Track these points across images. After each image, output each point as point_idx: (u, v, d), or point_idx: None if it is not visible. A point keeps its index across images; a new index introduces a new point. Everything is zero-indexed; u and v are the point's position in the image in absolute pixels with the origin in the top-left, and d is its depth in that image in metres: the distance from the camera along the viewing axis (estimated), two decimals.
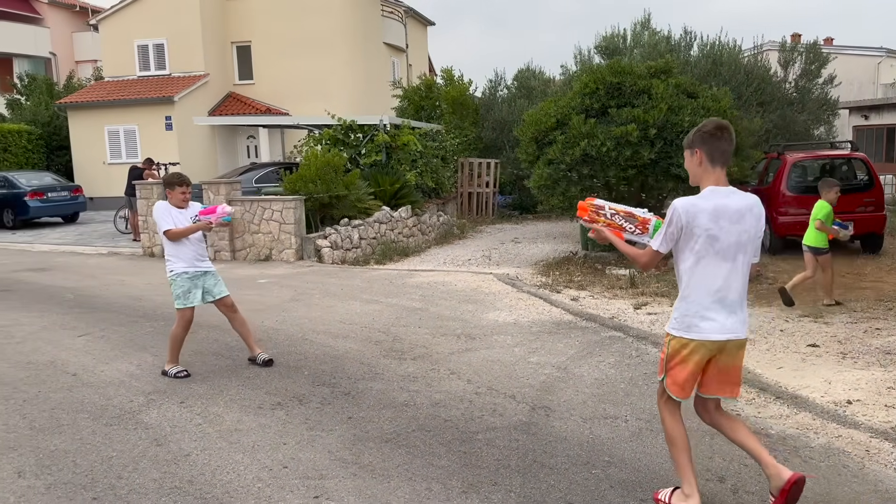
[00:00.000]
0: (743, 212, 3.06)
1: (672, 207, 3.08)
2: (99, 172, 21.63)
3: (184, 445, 4.14)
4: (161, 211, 5.40)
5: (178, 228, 5.37)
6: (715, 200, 3.05)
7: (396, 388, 5.10)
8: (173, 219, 5.41)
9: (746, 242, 3.07)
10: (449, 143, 17.96)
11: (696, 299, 3.07)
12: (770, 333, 6.35)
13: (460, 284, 9.34)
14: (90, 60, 30.88)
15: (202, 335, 6.76)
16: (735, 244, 3.04)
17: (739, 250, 3.06)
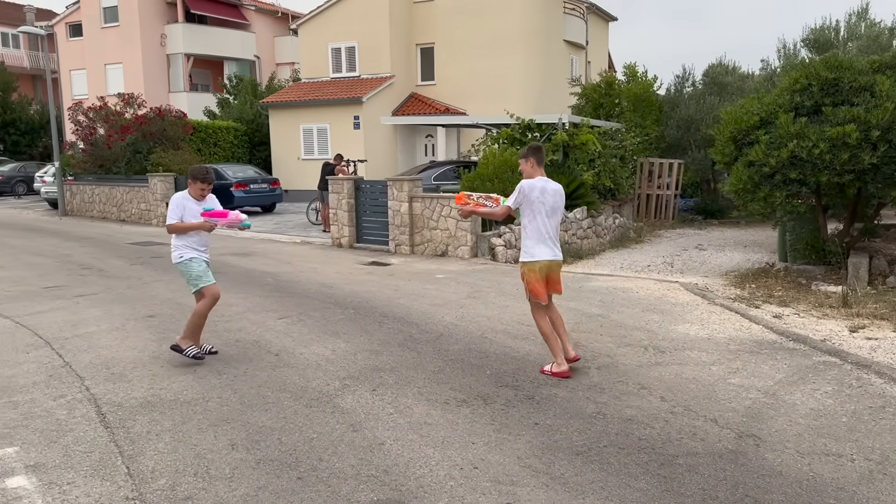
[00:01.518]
0: (556, 191, 5.46)
1: (520, 185, 5.33)
2: (294, 167, 23.44)
3: (378, 433, 4.25)
4: (175, 203, 5.58)
5: (179, 224, 5.55)
6: (541, 184, 5.34)
7: (582, 398, 4.90)
8: (184, 212, 5.60)
9: (557, 208, 5.44)
10: (629, 142, 17.28)
11: (535, 239, 5.36)
12: None
13: (643, 292, 8.89)
14: (288, 63, 33.57)
15: (389, 326, 6.99)
16: (551, 208, 5.36)
17: (554, 212, 5.41)
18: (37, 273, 10.03)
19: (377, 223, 13.29)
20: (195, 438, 4.15)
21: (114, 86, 28.67)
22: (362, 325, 7.02)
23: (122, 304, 7.99)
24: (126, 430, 4.25)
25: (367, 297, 8.48)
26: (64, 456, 3.85)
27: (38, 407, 4.58)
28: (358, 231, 13.63)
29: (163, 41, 30.48)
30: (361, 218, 13.60)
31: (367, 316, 7.45)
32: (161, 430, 4.25)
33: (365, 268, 11.06)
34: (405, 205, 12.58)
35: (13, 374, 5.28)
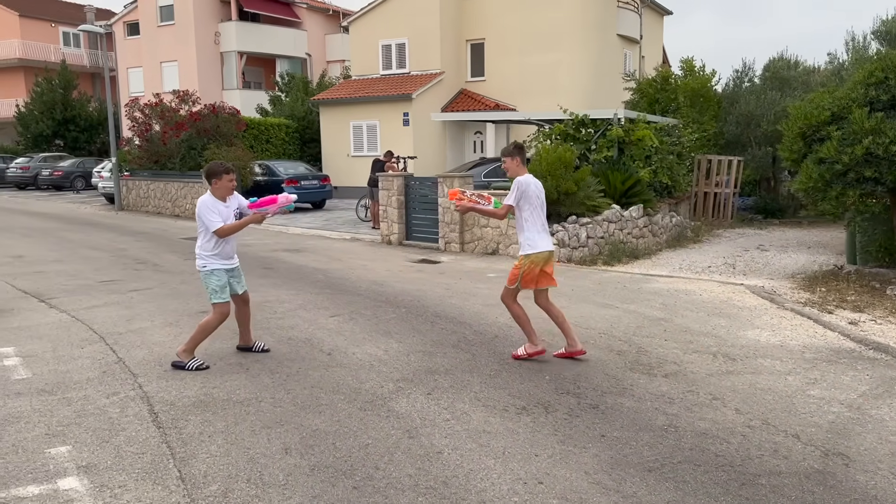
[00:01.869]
0: (541, 186, 5.70)
1: (517, 182, 5.53)
2: (343, 164, 23.51)
3: (435, 441, 4.06)
4: (208, 207, 5.22)
5: (228, 225, 5.24)
6: (532, 180, 5.62)
7: (651, 409, 4.61)
8: (220, 214, 5.25)
9: (544, 203, 5.68)
10: (686, 138, 16.71)
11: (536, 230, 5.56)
12: None
13: (706, 295, 8.49)
14: (339, 60, 33.75)
15: (441, 326, 6.80)
16: (541, 202, 5.61)
17: (543, 206, 5.63)
18: (93, 267, 10.19)
19: (427, 220, 13.14)
20: (248, 441, 4.03)
21: (169, 83, 29.27)
22: (414, 325, 6.85)
23: (175, 299, 8.01)
24: (178, 430, 4.16)
25: (418, 295, 8.31)
26: (116, 457, 3.77)
27: (92, 404, 4.53)
28: (407, 228, 13.50)
29: (216, 39, 30.99)
30: (411, 215, 13.47)
31: (419, 315, 7.28)
32: (213, 432, 4.15)
33: (415, 266, 10.91)
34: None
35: (68, 369, 5.27)
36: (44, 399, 4.62)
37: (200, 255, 5.36)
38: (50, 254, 11.51)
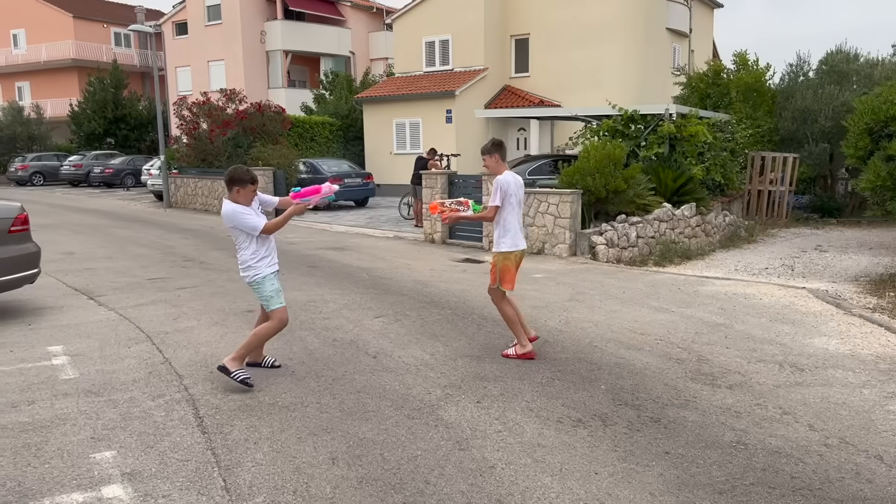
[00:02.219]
0: (520, 183, 5.62)
1: (497, 182, 5.45)
2: (386, 161, 23.47)
3: (487, 454, 3.86)
4: (240, 211, 4.74)
5: (273, 221, 4.83)
6: (511, 178, 5.51)
7: (716, 423, 4.33)
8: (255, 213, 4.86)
9: (522, 200, 5.69)
10: (739, 134, 16.12)
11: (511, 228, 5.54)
12: None
13: (766, 299, 8.09)
14: (382, 58, 33.79)
15: (488, 329, 6.60)
16: (519, 200, 5.61)
17: (520, 204, 5.65)
18: (141, 264, 10.29)
19: None
20: (294, 449, 3.90)
21: (216, 82, 29.68)
22: (461, 328, 6.66)
23: (222, 297, 7.98)
24: (224, 436, 4.06)
25: (464, 296, 8.12)
26: (160, 464, 3.67)
27: (137, 407, 4.47)
28: (451, 227, 13.31)
29: (262, 38, 31.31)
30: None
31: (465, 317, 7.09)
32: (259, 439, 4.03)
33: (458, 265, 10.72)
34: None
35: (114, 369, 5.24)
36: (90, 400, 4.57)
37: (248, 265, 4.87)
38: (100, 250, 11.68)
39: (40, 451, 3.81)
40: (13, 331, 6.35)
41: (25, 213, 6.83)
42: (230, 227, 4.84)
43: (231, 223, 4.82)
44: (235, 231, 4.85)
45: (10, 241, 6.61)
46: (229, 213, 4.79)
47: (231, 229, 4.86)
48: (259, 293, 4.96)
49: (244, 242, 4.87)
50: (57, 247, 11.96)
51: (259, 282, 4.90)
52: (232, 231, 4.87)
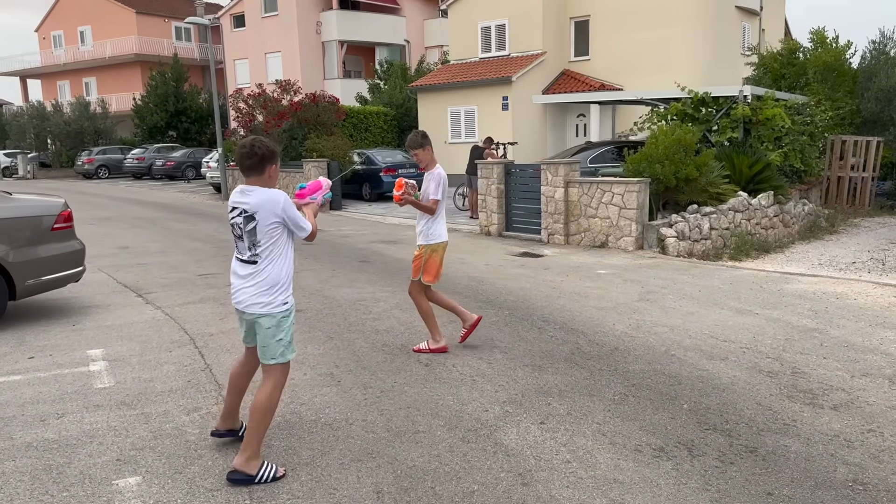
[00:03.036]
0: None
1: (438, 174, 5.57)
2: (440, 151, 22.94)
3: (554, 492, 3.34)
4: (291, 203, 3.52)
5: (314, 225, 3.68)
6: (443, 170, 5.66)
7: (825, 455, 3.69)
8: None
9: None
10: (818, 117, 14.97)
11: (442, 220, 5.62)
12: None
13: (862, 299, 7.27)
14: (437, 46, 33.28)
15: (550, 333, 6.05)
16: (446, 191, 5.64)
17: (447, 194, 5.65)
18: (194, 259, 10.12)
19: (528, 210, 12.33)
20: (335, 478, 3.46)
21: (273, 74, 29.78)
22: (519, 332, 6.13)
23: None
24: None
25: (522, 295, 7.58)
26: (187, 494, 3.29)
27: (170, 423, 4.12)
28: (507, 219, 12.75)
29: (318, 29, 31.24)
30: (511, 204, 12.71)
31: (525, 319, 6.56)
32: (297, 464, 3.61)
33: (516, 259, 10.17)
34: (560, 190, 11.52)
35: (152, 377, 4.94)
36: (122, 414, 4.26)
37: (280, 287, 3.47)
38: (154, 245, 11.62)
39: (61, 475, 3.49)
40: (56, 332, 6.16)
41: (69, 210, 6.64)
42: (270, 223, 3.39)
43: (276, 216, 3.39)
44: (272, 231, 3.42)
45: (53, 239, 6.42)
46: (277, 201, 3.38)
47: (267, 227, 3.40)
48: (274, 335, 3.46)
49: (278, 250, 3.47)
50: (112, 241, 11.97)
51: (286, 315, 3.49)
52: (265, 231, 3.41)
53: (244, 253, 3.51)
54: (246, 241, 3.47)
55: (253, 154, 3.42)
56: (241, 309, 3.53)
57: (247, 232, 3.44)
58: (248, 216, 3.42)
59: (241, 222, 3.45)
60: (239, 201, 3.45)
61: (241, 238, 3.48)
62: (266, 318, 3.46)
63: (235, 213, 3.48)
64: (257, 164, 3.44)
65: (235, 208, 3.48)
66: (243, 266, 3.52)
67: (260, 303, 3.46)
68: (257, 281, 3.46)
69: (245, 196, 3.44)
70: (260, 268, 3.47)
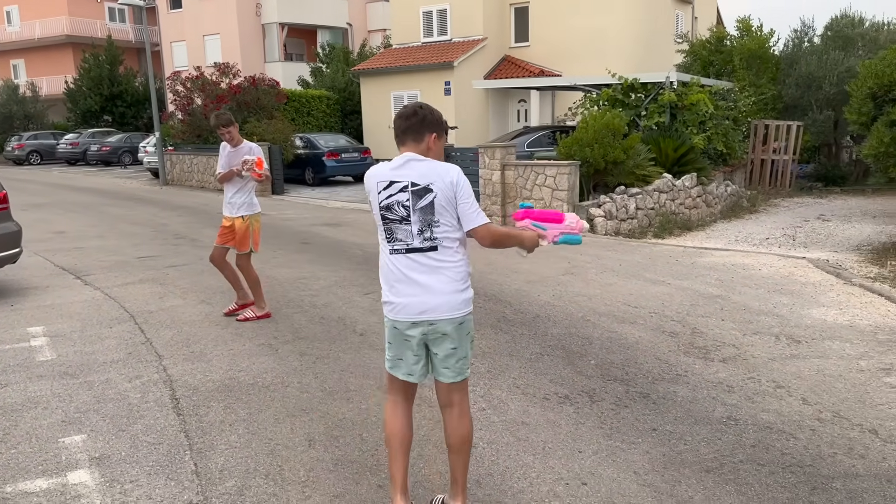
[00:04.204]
0: None
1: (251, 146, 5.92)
2: (384, 135, 23.13)
3: None
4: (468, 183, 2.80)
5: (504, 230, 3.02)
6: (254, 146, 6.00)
7: (707, 398, 4.21)
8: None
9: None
10: (742, 102, 15.82)
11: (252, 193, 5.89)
12: None
13: (766, 269, 7.93)
14: (380, 30, 33.29)
15: (480, 304, 6.47)
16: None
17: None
18: (132, 242, 10.16)
19: None
20: (270, 431, 3.79)
21: (212, 57, 29.29)
22: None
23: (211, 275, 7.84)
24: (199, 418, 3.95)
25: None
26: (131, 447, 3.57)
27: (113, 389, 4.36)
28: None
29: (258, 11, 30.82)
30: None
31: None
32: (235, 420, 3.92)
33: None
34: (497, 173, 11.96)
35: (93, 350, 5.13)
36: (65, 383, 4.47)
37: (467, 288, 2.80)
38: (91, 229, 11.56)
39: (7, 435, 3.71)
40: None
41: (4, 192, 6.69)
42: (447, 200, 2.68)
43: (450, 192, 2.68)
44: (448, 210, 2.70)
45: None
46: (450, 171, 2.71)
47: (444, 204, 2.68)
48: (471, 339, 2.87)
49: (455, 242, 2.76)
50: (48, 226, 11.84)
51: (471, 317, 2.84)
52: (444, 208, 2.68)
53: (412, 239, 2.69)
54: (417, 224, 2.68)
55: (413, 114, 2.75)
56: (426, 319, 2.69)
57: (419, 210, 2.67)
58: (420, 188, 2.66)
59: (406, 199, 2.67)
60: (402, 174, 2.70)
61: (407, 220, 2.68)
62: (467, 322, 2.78)
63: (396, 189, 2.69)
64: (416, 127, 2.73)
65: (395, 182, 2.70)
66: (414, 259, 2.70)
67: (462, 300, 2.74)
68: (450, 274, 2.71)
69: (408, 167, 2.70)
70: (446, 255, 2.71)
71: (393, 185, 2.71)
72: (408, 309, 2.71)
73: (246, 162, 5.68)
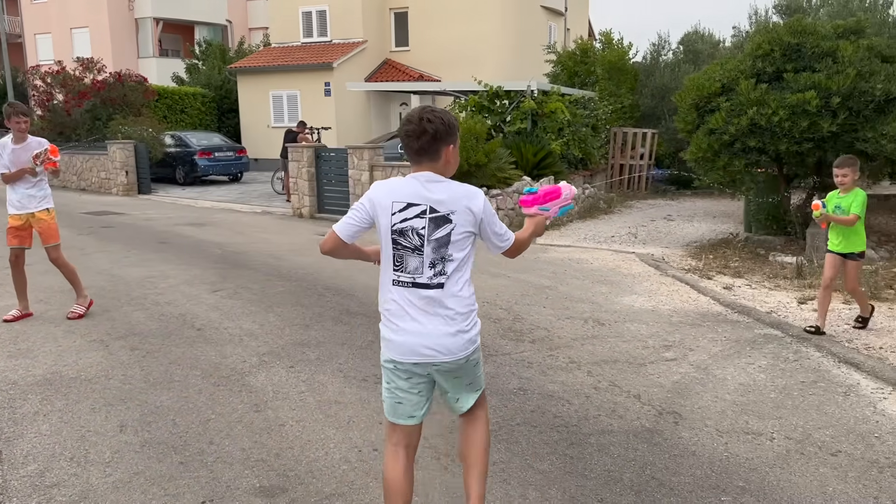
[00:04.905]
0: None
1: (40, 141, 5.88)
2: (263, 135, 22.91)
3: (281, 414, 4.02)
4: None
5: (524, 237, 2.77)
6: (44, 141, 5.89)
7: (507, 373, 4.70)
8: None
9: None
10: (602, 110, 16.98)
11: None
12: None
13: (597, 263, 8.69)
14: (261, 27, 32.73)
15: (328, 298, 6.75)
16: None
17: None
18: None
19: (340, 193, 12.97)
20: (84, 419, 3.90)
21: (81, 50, 27.80)
22: (300, 299, 6.77)
23: (55, 275, 7.64)
24: (12, 410, 4.00)
25: (315, 269, 8.21)
26: None
27: None
28: (320, 201, 13.30)
29: (131, 5, 29.57)
30: (324, 187, 13.27)
31: (309, 289, 7.20)
32: (50, 411, 4.00)
33: (322, 239, 10.75)
34: (366, 173, 12.27)
35: None
36: None
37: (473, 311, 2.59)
38: None
39: None
40: None
41: None
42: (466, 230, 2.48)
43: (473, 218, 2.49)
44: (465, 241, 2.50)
45: None
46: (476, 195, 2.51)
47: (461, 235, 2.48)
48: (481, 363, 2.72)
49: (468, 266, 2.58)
50: None
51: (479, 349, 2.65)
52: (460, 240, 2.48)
53: (422, 274, 2.46)
54: (429, 257, 2.44)
55: (423, 132, 2.40)
56: (431, 361, 2.50)
57: (434, 241, 2.43)
58: (439, 217, 2.43)
59: (422, 227, 2.42)
60: (422, 195, 2.43)
61: (419, 251, 2.44)
62: (475, 355, 2.60)
63: (413, 214, 2.43)
64: (430, 145, 2.42)
65: (413, 205, 2.43)
66: (419, 295, 2.47)
67: (468, 339, 2.53)
68: (457, 313, 2.49)
69: (428, 190, 2.43)
70: (453, 293, 2.48)
71: (410, 209, 2.42)
72: (410, 348, 2.47)
73: (38, 156, 5.64)
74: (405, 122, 2.46)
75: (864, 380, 4.58)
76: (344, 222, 2.53)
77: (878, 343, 5.32)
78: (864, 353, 5.09)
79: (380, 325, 2.60)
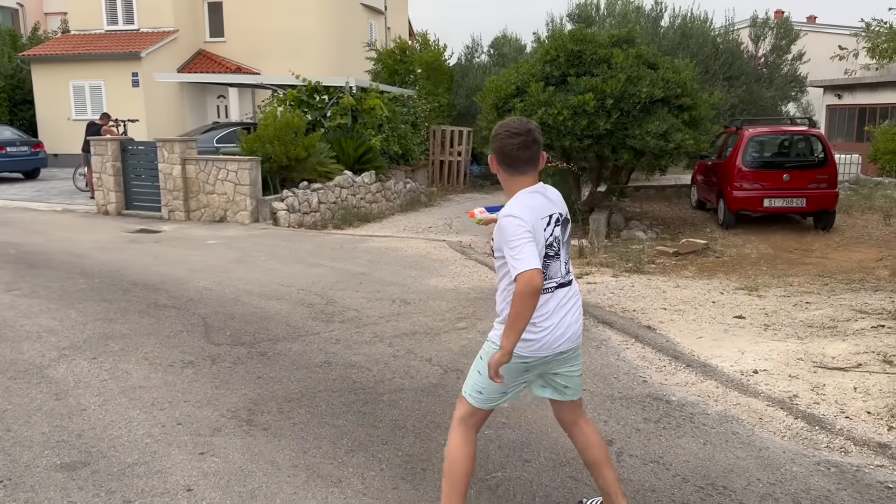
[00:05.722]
0: None
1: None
2: (63, 128, 21.11)
3: (83, 400, 4.07)
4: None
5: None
6: None
7: (315, 350, 5.06)
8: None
9: None
10: (421, 108, 17.75)
11: None
12: (701, 305, 6.37)
13: (410, 251, 9.28)
14: (59, 13, 29.96)
15: (134, 293, 6.66)
16: None
17: None
18: None
19: (150, 188, 12.46)
20: None
21: None
22: (104, 294, 6.61)
23: None
24: None
25: (120, 265, 7.98)
26: None
27: None
28: (127, 197, 12.70)
29: None
30: (131, 182, 12.68)
31: (114, 285, 7.03)
32: None
33: (130, 235, 10.37)
34: (177, 167, 11.93)
35: None
36: None
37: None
38: None
39: None
40: None
41: None
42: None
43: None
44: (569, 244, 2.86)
45: None
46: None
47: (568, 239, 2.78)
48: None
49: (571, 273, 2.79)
50: None
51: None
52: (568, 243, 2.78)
53: (560, 274, 2.64)
54: (564, 257, 2.66)
55: (533, 142, 2.57)
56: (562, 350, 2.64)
57: (566, 243, 2.68)
58: (564, 220, 2.66)
59: (559, 233, 2.62)
60: (552, 206, 2.61)
61: (558, 255, 2.62)
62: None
63: (553, 224, 2.60)
64: (536, 154, 2.60)
65: (552, 216, 2.60)
66: (561, 295, 2.63)
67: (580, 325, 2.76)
68: (579, 303, 2.73)
69: (550, 197, 2.62)
70: (575, 286, 2.73)
71: (551, 221, 2.57)
72: (563, 336, 2.61)
73: None
74: (509, 135, 2.55)
75: (614, 335, 5.50)
76: (534, 254, 2.43)
77: (633, 307, 6.35)
78: (619, 314, 6.07)
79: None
